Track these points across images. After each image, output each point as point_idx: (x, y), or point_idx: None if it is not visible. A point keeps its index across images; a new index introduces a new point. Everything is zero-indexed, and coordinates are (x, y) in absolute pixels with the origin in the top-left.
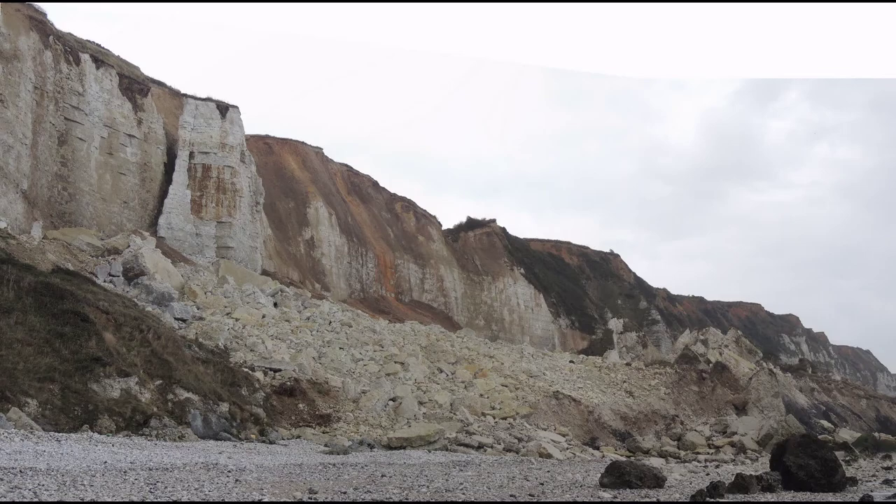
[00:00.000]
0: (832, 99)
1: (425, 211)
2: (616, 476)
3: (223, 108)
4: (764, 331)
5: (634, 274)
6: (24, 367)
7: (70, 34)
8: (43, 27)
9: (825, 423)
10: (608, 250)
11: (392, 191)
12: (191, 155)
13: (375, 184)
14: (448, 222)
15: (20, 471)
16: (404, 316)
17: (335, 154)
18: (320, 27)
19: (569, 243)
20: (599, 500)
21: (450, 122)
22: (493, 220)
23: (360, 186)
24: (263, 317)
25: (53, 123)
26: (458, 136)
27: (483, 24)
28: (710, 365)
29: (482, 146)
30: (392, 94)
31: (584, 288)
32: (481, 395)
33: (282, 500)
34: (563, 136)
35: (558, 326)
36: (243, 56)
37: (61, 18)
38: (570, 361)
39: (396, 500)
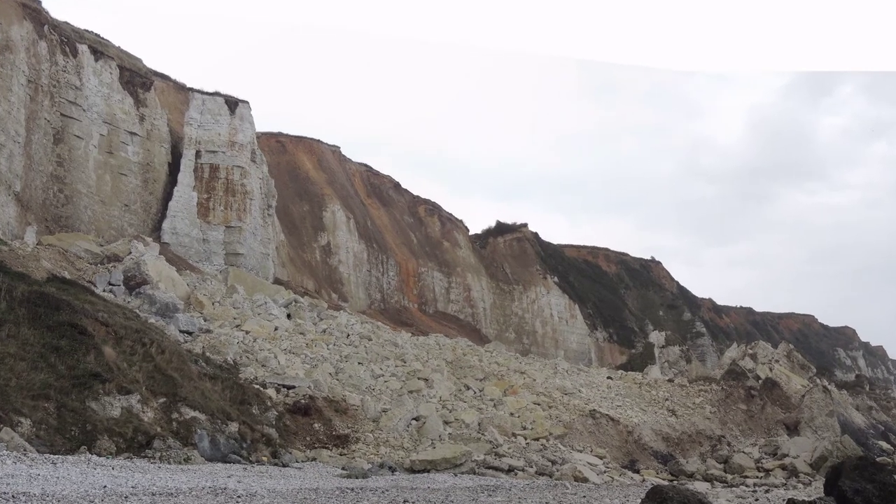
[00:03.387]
0: (891, 93)
1: (451, 215)
2: (657, 502)
3: (232, 104)
4: (817, 344)
5: (677, 283)
6: (17, 384)
7: (66, 23)
8: (37, 16)
9: (884, 445)
10: (648, 257)
11: (415, 193)
12: (197, 154)
13: (397, 185)
14: (475, 227)
15: (13, 496)
16: (428, 328)
17: (353, 153)
18: (336, 18)
19: (606, 249)
20: None
21: (476, 119)
22: (524, 225)
23: (380, 188)
24: (276, 329)
25: (48, 120)
26: (484, 134)
27: (510, 12)
28: (760, 381)
29: (511, 144)
30: (414, 89)
31: (622, 298)
32: (511, 414)
33: None
34: (597, 133)
35: (595, 340)
36: (254, 48)
37: (57, 6)
38: (608, 378)
39: None
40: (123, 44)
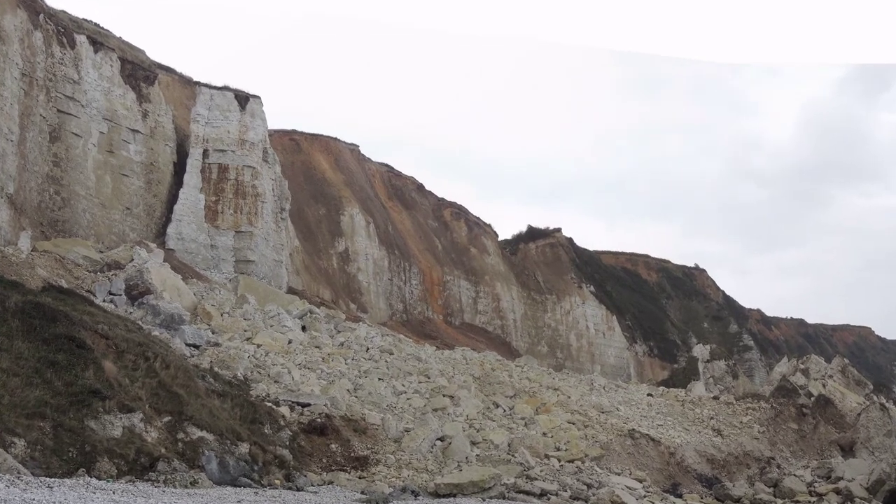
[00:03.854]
0: None
1: (478, 219)
2: None
3: (243, 99)
4: (874, 359)
5: (723, 292)
6: (10, 402)
7: (64, 12)
8: (32, 4)
9: None
10: (692, 264)
11: (439, 195)
12: (205, 153)
13: (420, 187)
14: (505, 232)
15: None
16: (454, 341)
17: (373, 152)
18: (354, 6)
19: (646, 256)
20: None
21: (507, 115)
22: (558, 230)
23: (402, 190)
24: (290, 342)
25: (44, 116)
26: (515, 132)
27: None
28: (812, 399)
29: (544, 143)
30: (439, 83)
31: (664, 308)
32: (544, 434)
33: None
34: (638, 131)
35: (634, 353)
36: (266, 39)
37: None
38: (648, 395)
39: None
40: (125, 34)
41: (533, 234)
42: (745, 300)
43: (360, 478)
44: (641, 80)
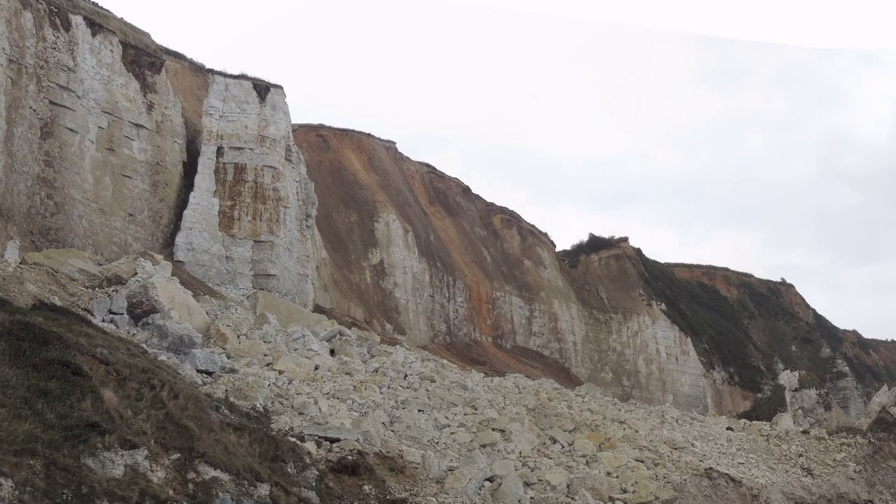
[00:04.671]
0: None
1: (533, 226)
2: None
3: (262, 89)
4: None
5: (813, 311)
6: None
7: None
8: None
9: None
10: (778, 279)
11: (488, 199)
12: (219, 151)
13: (466, 190)
14: (563, 242)
15: None
16: (505, 367)
17: (412, 150)
18: None
19: (725, 269)
20: None
21: (566, 108)
22: (625, 239)
23: (445, 193)
24: (316, 368)
25: (34, 109)
26: (576, 126)
27: None
28: None
29: (608, 140)
30: (488, 71)
31: (745, 330)
32: (608, 474)
33: None
34: (716, 126)
35: (712, 381)
36: (288, 20)
37: None
38: (728, 428)
39: None
40: (127, 15)
41: (595, 243)
42: (839, 320)
43: None
44: (720, 67)
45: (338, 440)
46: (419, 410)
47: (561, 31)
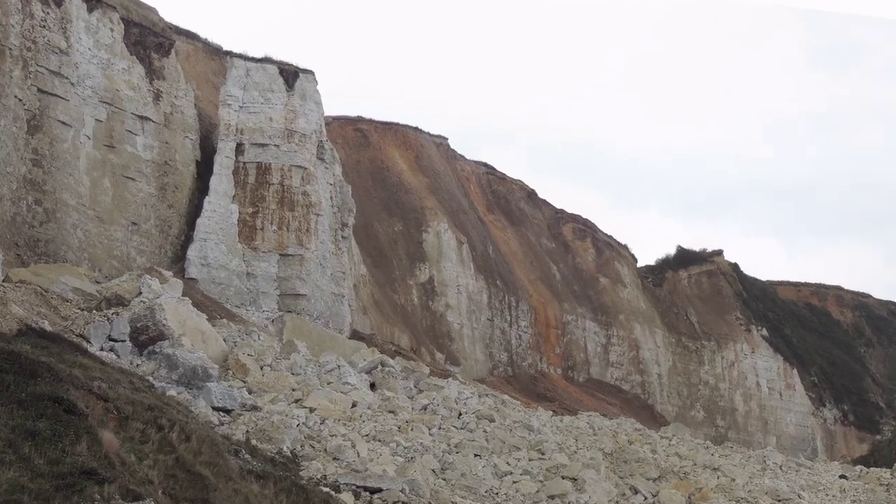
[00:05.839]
0: None
1: (610, 238)
2: None
3: (290, 74)
4: None
5: None
6: None
7: None
8: None
9: None
10: None
11: (557, 205)
12: (238, 148)
13: (531, 194)
14: (646, 256)
15: None
16: (577, 404)
17: (467, 147)
18: None
19: (838, 288)
20: None
21: (649, 98)
22: (719, 252)
23: (506, 198)
24: (354, 405)
25: (20, 99)
26: (661, 119)
27: None
28: None
29: (698, 134)
30: (555, 55)
31: (862, 359)
32: None
33: None
34: (827, 117)
35: (822, 420)
36: None
37: None
38: (842, 476)
39: None
40: None
41: (684, 258)
42: None
43: None
44: (832, 48)
45: (379, 490)
46: (476, 455)
47: (642, 6)
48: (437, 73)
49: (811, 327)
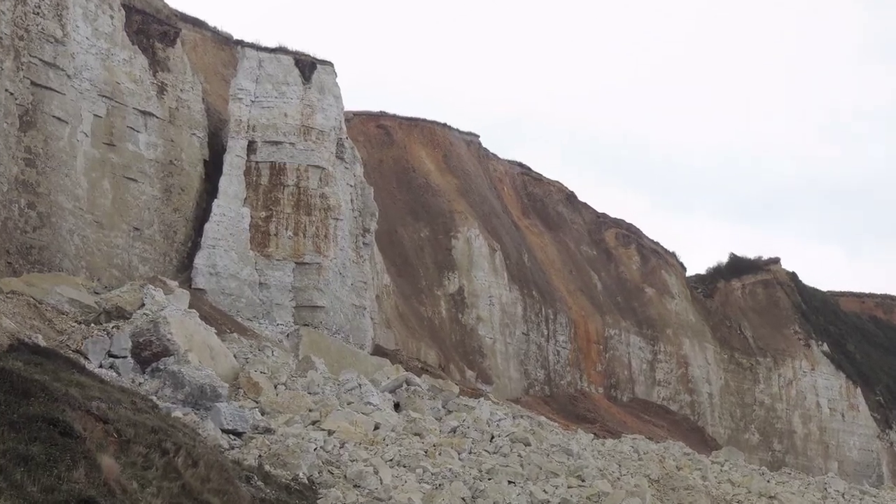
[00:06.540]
0: None
1: (657, 244)
2: None
3: (307, 66)
4: None
5: None
6: None
7: None
8: None
9: None
10: None
11: (599, 209)
12: (251, 146)
13: (570, 197)
14: (696, 264)
15: None
16: (620, 426)
17: (500, 146)
18: None
19: None
20: None
21: (699, 90)
22: (775, 260)
23: (543, 201)
24: (377, 428)
25: (11, 92)
26: (708, 115)
27: None
28: None
29: (752, 131)
30: (594, 45)
31: None
32: None
33: None
34: (893, 114)
35: (889, 444)
36: None
37: None
38: None
39: None
40: None
41: (737, 266)
42: None
43: None
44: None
45: None
46: (510, 482)
47: None
48: (467, 65)
49: (876, 342)
